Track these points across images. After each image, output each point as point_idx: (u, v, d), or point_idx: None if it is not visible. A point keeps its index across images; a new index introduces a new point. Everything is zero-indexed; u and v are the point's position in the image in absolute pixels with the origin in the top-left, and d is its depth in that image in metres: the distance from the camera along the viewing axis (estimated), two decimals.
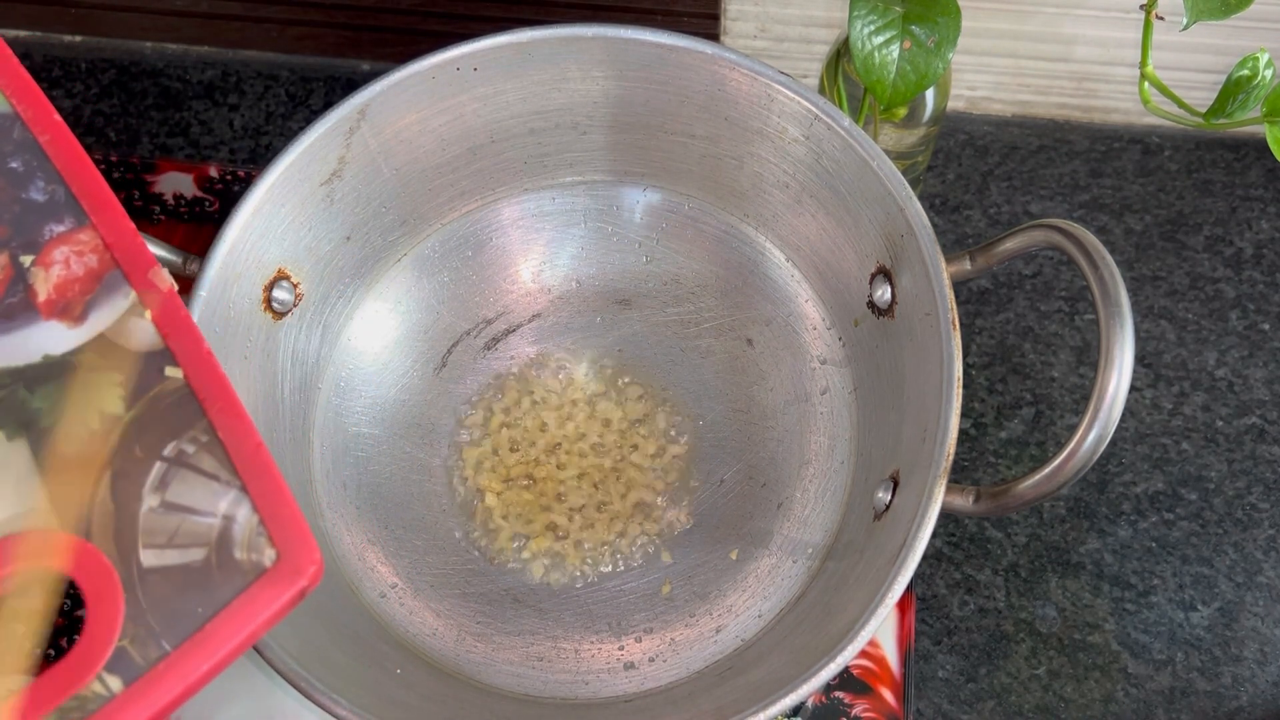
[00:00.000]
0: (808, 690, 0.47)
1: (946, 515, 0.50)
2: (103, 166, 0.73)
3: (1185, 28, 0.53)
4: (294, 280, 0.58)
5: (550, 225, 0.65)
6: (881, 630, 0.62)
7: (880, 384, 0.57)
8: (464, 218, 0.64)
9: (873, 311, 0.57)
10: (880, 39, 0.55)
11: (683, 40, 0.56)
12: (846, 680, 0.62)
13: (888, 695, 0.61)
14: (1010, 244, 0.51)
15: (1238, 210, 0.73)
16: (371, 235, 0.61)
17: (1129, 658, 0.63)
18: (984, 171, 0.74)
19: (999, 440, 0.68)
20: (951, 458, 0.49)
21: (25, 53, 0.79)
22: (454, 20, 0.74)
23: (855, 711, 0.61)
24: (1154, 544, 0.65)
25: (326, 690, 0.47)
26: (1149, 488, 0.66)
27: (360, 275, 0.62)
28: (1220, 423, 0.68)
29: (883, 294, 0.56)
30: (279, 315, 0.58)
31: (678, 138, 0.60)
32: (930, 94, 0.64)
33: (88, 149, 0.74)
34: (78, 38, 0.80)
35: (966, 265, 0.52)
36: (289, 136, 0.76)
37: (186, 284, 0.68)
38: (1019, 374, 0.69)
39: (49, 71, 0.79)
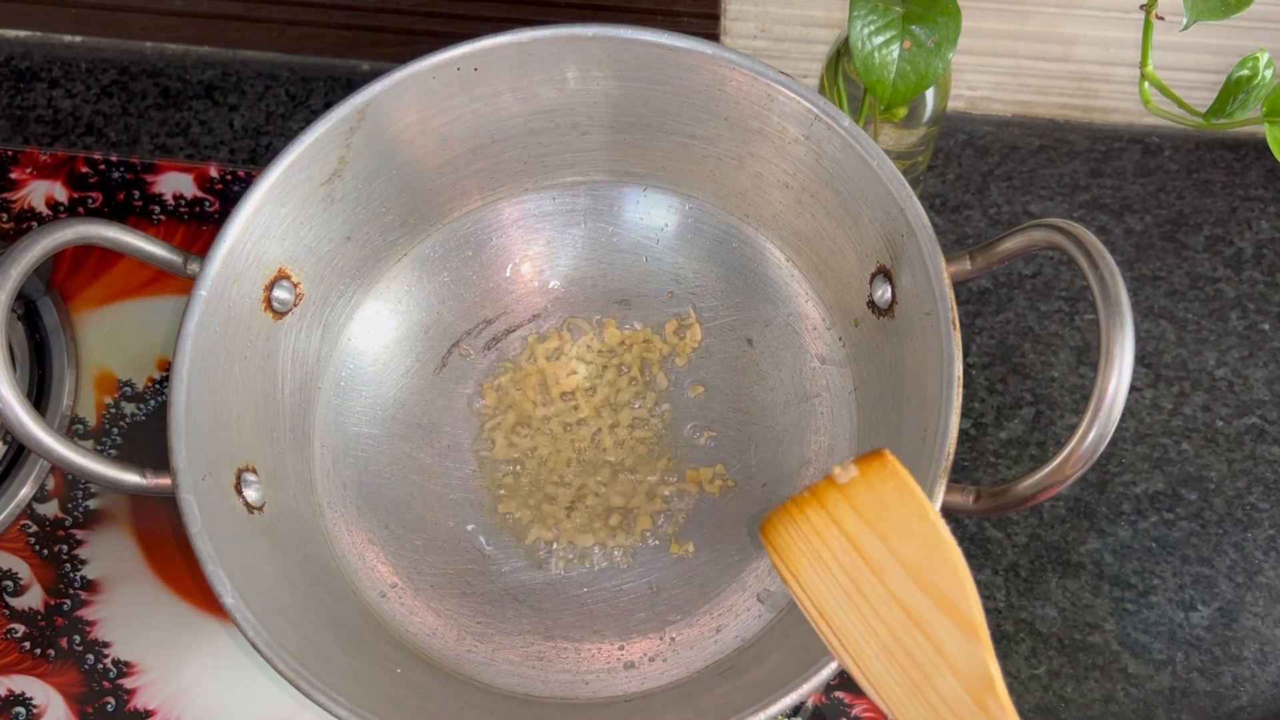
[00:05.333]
0: (808, 689, 0.47)
1: (946, 515, 0.50)
2: (102, 167, 0.73)
3: (1185, 27, 0.53)
4: (294, 280, 0.58)
5: (550, 225, 0.65)
6: None
7: (880, 384, 0.57)
8: (464, 218, 0.64)
9: (873, 311, 0.57)
10: (880, 39, 0.55)
11: (683, 40, 0.56)
12: (847, 680, 0.62)
13: None
14: (1010, 244, 0.51)
15: (1238, 210, 0.73)
16: (372, 235, 0.61)
17: (1129, 658, 0.63)
18: (984, 171, 0.74)
19: (999, 440, 0.68)
20: (951, 457, 0.49)
21: (25, 53, 0.80)
22: (454, 20, 0.74)
23: (855, 711, 0.61)
24: (1154, 544, 0.65)
25: (326, 689, 0.47)
26: (1149, 488, 0.66)
27: (360, 275, 0.62)
28: (1220, 423, 0.68)
29: (883, 294, 0.56)
30: (279, 315, 0.58)
31: (678, 138, 0.60)
32: (930, 94, 0.64)
33: (87, 149, 0.75)
34: (78, 38, 0.80)
35: (967, 265, 0.52)
36: (289, 136, 0.76)
37: (186, 284, 0.69)
38: (1019, 374, 0.69)
39: (49, 71, 0.79)
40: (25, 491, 0.66)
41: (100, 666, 0.63)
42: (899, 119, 0.64)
